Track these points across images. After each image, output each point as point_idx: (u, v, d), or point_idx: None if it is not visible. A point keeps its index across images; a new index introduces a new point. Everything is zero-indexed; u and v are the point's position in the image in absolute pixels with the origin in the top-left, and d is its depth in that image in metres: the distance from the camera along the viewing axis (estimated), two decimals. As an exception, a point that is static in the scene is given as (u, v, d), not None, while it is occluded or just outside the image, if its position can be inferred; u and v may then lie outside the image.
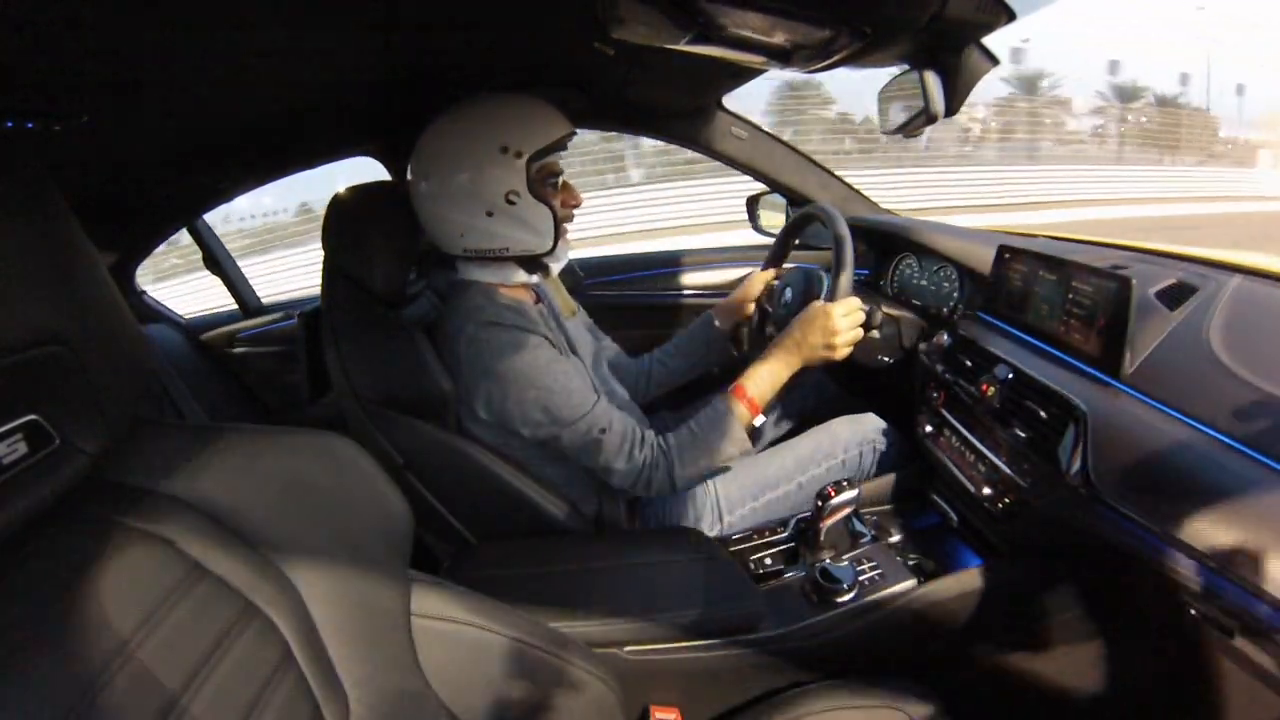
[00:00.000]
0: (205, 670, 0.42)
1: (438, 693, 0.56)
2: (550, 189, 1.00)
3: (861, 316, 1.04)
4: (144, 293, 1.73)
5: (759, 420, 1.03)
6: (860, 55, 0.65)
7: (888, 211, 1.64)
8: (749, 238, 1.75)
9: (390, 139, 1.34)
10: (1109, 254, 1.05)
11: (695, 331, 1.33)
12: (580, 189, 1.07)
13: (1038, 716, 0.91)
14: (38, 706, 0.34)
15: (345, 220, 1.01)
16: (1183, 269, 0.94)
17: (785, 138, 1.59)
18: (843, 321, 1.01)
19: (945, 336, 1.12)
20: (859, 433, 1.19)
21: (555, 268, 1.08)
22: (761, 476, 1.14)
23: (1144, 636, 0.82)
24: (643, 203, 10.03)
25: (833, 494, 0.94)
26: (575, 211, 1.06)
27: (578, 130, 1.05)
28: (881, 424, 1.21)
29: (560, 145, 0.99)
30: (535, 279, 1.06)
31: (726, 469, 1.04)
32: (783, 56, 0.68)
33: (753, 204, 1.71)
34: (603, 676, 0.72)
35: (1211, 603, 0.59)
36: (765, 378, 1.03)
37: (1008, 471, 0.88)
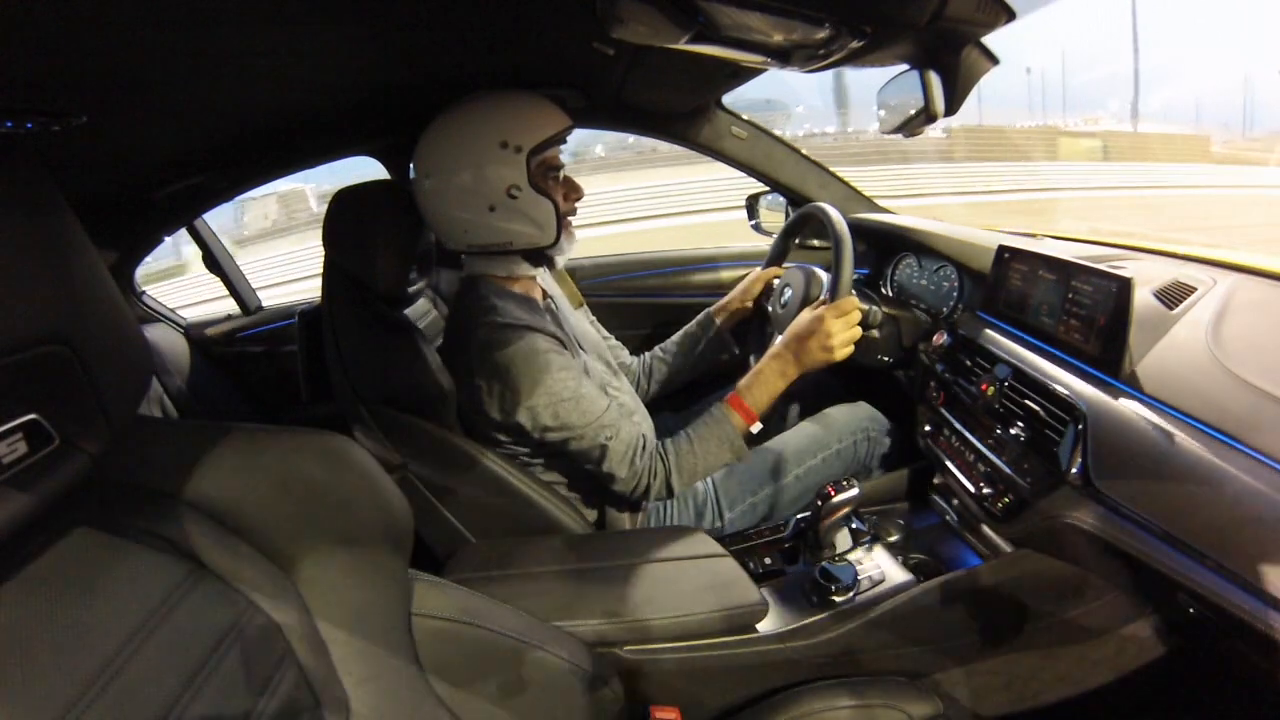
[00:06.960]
0: (206, 669, 0.42)
1: (438, 691, 0.56)
2: (551, 182, 1.01)
3: (858, 317, 1.03)
4: (144, 293, 1.73)
5: (756, 428, 1.03)
6: (860, 55, 0.65)
7: (887, 211, 1.64)
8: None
9: (390, 139, 1.34)
10: (1109, 254, 1.05)
11: (696, 329, 1.34)
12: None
13: (1038, 716, 0.91)
14: (39, 706, 0.34)
15: (346, 219, 1.01)
16: (1182, 269, 0.94)
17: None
18: (837, 324, 1.00)
19: (945, 336, 1.12)
20: (853, 422, 1.19)
21: (560, 260, 1.08)
22: (760, 471, 1.14)
23: (1143, 635, 0.82)
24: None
25: (833, 493, 0.94)
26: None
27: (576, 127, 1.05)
28: (875, 412, 1.21)
29: (559, 139, 0.99)
30: (541, 271, 1.07)
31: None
32: (782, 56, 0.68)
33: (753, 203, 1.71)
34: (603, 676, 0.72)
35: (1210, 601, 0.59)
36: (761, 386, 1.03)
37: (1007, 471, 0.88)
